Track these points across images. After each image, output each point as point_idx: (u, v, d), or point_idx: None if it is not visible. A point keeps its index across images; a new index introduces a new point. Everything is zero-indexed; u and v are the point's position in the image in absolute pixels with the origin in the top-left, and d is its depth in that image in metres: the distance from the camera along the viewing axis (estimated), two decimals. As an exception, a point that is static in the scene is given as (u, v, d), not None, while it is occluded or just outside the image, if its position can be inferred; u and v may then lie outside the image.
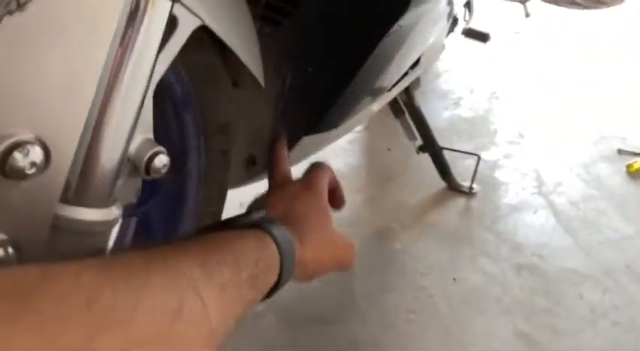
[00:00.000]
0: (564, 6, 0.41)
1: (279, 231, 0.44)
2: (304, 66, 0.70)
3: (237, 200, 0.70)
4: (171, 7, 0.35)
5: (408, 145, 1.26)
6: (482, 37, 1.20)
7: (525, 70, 1.76)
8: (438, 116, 1.53)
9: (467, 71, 1.76)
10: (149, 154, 0.43)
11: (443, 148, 1.21)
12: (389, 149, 1.37)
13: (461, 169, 1.27)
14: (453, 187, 1.22)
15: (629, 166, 1.29)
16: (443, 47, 1.11)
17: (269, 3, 0.70)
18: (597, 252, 1.05)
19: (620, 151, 1.36)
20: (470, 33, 1.19)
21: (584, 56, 1.83)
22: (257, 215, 0.50)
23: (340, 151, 1.36)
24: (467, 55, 1.79)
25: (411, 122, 1.22)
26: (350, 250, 0.55)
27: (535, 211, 1.17)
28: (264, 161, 0.76)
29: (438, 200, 1.20)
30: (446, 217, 1.15)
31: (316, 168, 0.58)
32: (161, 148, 0.44)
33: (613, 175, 1.28)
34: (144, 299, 0.28)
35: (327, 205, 0.55)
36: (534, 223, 1.13)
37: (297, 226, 0.49)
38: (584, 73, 1.74)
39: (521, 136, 1.44)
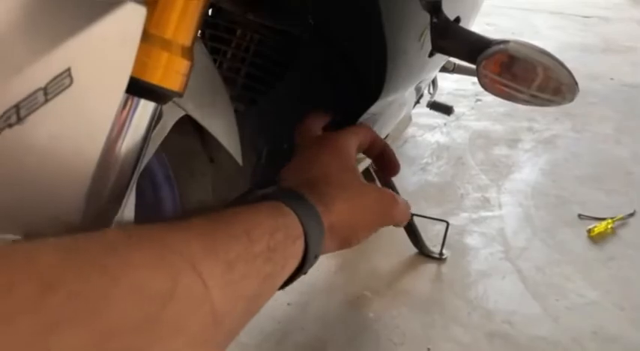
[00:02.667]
0: (520, 103, 0.45)
1: (296, 197, 0.39)
2: (280, 141, 0.73)
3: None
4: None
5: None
6: (447, 109, 1.27)
7: (487, 135, 1.84)
8: (406, 181, 1.57)
9: (433, 137, 1.83)
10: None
11: (413, 215, 1.24)
12: (360, 214, 1.39)
13: (431, 234, 1.30)
14: (424, 252, 1.24)
15: (590, 231, 1.35)
16: (410, 119, 1.16)
17: (245, 84, 0.73)
18: (565, 318, 1.07)
19: (580, 216, 1.42)
20: (434, 106, 1.25)
21: (543, 122, 1.93)
22: (271, 188, 0.44)
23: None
24: (432, 121, 1.87)
25: (379, 186, 1.25)
26: (391, 200, 0.47)
27: (503, 277, 1.19)
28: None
29: (410, 266, 1.21)
30: (418, 284, 1.16)
31: (343, 129, 0.51)
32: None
33: (575, 239, 1.33)
34: (122, 280, 0.23)
35: (352, 159, 0.48)
36: (504, 289, 1.15)
37: (318, 190, 0.43)
38: (543, 136, 1.83)
39: (487, 200, 1.49)
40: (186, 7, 0.35)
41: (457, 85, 2.16)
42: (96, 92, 0.31)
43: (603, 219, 1.38)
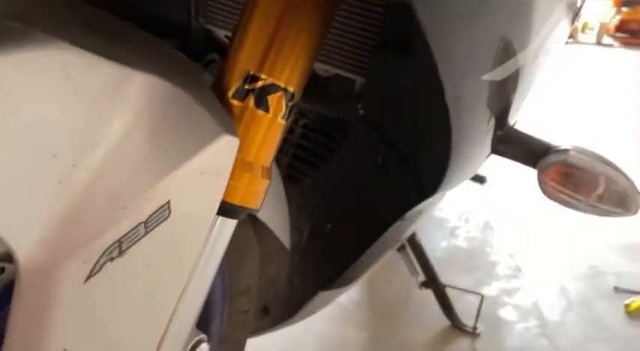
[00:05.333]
0: (581, 211, 0.45)
1: None
2: (323, 222, 0.73)
3: None
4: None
5: (408, 276, 1.27)
6: (480, 179, 1.27)
7: (516, 199, 1.83)
8: (435, 246, 1.55)
9: (461, 199, 1.82)
10: (193, 342, 0.44)
11: (446, 286, 1.22)
12: (390, 281, 1.38)
13: (462, 305, 1.27)
14: (456, 325, 1.22)
15: (627, 306, 1.31)
16: (443, 195, 1.16)
17: (290, 163, 0.74)
18: (608, 403, 1.03)
19: (616, 289, 1.38)
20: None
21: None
22: None
23: (341, 283, 1.35)
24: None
25: (413, 257, 1.24)
26: None
27: (541, 355, 1.16)
28: (277, 311, 0.76)
29: (443, 340, 1.18)
30: (452, 360, 1.13)
31: None
32: (203, 336, 0.45)
33: (612, 314, 1.29)
34: None
35: None
36: (541, 369, 1.12)
37: None
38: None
39: (519, 269, 1.47)
40: (269, 131, 0.36)
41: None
42: (190, 220, 0.32)
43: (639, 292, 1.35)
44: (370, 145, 0.66)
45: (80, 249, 0.28)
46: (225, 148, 0.32)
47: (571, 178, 0.45)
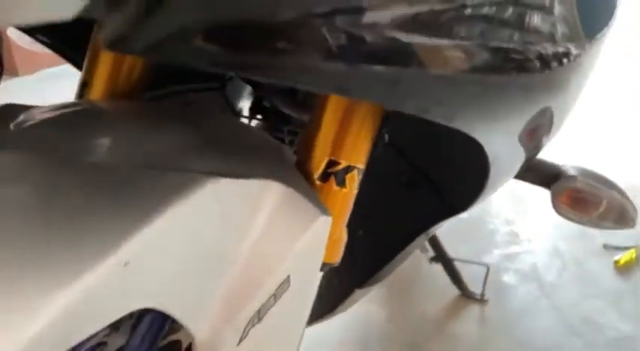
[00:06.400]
0: (587, 226, 0.55)
1: None
2: (355, 229, 0.83)
3: None
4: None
5: (418, 253, 1.39)
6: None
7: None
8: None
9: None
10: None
11: (454, 260, 1.34)
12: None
13: (467, 273, 1.39)
14: (466, 294, 1.34)
15: (616, 262, 1.45)
16: None
17: None
18: (604, 353, 1.18)
19: (605, 246, 1.52)
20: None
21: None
22: None
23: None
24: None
25: (422, 236, 1.35)
26: None
27: (543, 314, 1.30)
28: (316, 309, 0.87)
29: (456, 309, 1.31)
30: (466, 326, 1.26)
31: None
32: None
33: (603, 271, 1.43)
34: None
35: None
36: (545, 327, 1.26)
37: None
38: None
39: (516, 235, 1.59)
40: (347, 202, 0.46)
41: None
42: (302, 288, 0.41)
43: (627, 248, 1.49)
44: (396, 167, 0.74)
45: (232, 321, 0.37)
46: (322, 226, 0.41)
47: (579, 199, 0.55)
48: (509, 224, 1.64)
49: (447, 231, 1.58)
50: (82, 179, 0.30)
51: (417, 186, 0.72)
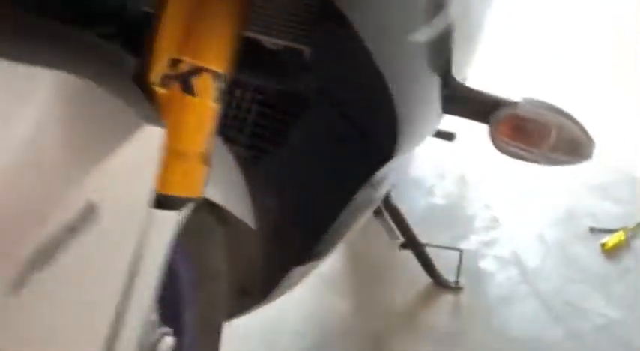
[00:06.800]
0: (533, 163, 0.45)
1: None
2: (290, 198, 0.72)
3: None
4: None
5: (387, 240, 1.27)
6: (449, 136, 1.27)
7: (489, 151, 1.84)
8: (414, 207, 1.56)
9: (435, 157, 1.82)
10: (155, 337, 0.43)
11: (425, 245, 1.23)
12: (368, 246, 1.38)
13: (444, 261, 1.28)
14: (439, 282, 1.23)
15: (603, 245, 1.34)
16: (407, 159, 1.15)
17: (248, 144, 0.72)
18: (591, 340, 1.06)
19: (591, 230, 1.41)
20: (436, 133, 1.25)
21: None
22: None
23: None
24: (433, 141, 1.86)
25: (390, 221, 1.24)
26: None
27: (523, 301, 1.18)
28: (255, 291, 0.76)
29: (427, 299, 1.20)
30: (437, 317, 1.14)
31: None
32: (167, 330, 0.44)
33: (589, 254, 1.32)
34: None
35: None
36: (525, 314, 1.14)
37: None
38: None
39: (496, 220, 1.48)
40: (201, 116, 0.35)
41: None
42: (120, 218, 0.30)
43: (615, 231, 1.38)
44: (329, 119, 0.65)
45: None
46: (148, 139, 0.30)
47: (522, 130, 0.44)
48: (489, 209, 1.53)
49: (423, 219, 1.47)
50: None
51: (349, 138, 0.62)
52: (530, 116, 0.44)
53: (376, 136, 0.57)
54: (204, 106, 0.34)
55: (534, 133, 0.44)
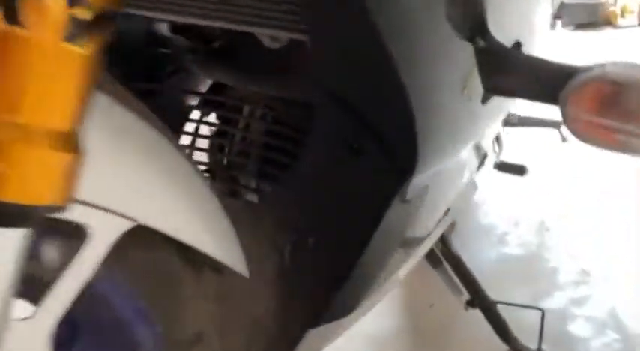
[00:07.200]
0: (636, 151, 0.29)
1: None
2: (304, 235, 0.59)
3: None
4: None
5: (454, 298, 1.09)
6: (519, 170, 1.09)
7: (571, 191, 1.61)
8: (482, 258, 1.36)
9: (507, 200, 1.62)
10: None
11: (497, 302, 1.04)
12: (431, 305, 1.20)
13: (522, 323, 1.07)
14: (515, 349, 1.03)
15: None
16: (475, 187, 1.00)
17: (258, 170, 0.63)
18: None
19: None
20: (503, 167, 1.09)
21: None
22: None
23: (373, 310, 1.18)
24: (504, 181, 1.67)
25: (452, 273, 1.07)
26: None
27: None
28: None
29: (501, 369, 0.99)
30: (515, 394, 0.93)
31: None
32: None
33: None
34: None
35: None
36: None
37: None
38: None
39: (586, 273, 1.26)
40: (46, 65, 0.21)
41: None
42: None
43: None
44: (341, 130, 0.52)
45: None
46: None
47: (614, 101, 0.28)
48: (576, 260, 1.31)
49: (492, 271, 1.27)
50: None
51: (366, 150, 0.49)
52: (626, 81, 0.27)
53: (394, 146, 0.43)
54: (52, 46, 0.21)
55: (631, 106, 0.27)
